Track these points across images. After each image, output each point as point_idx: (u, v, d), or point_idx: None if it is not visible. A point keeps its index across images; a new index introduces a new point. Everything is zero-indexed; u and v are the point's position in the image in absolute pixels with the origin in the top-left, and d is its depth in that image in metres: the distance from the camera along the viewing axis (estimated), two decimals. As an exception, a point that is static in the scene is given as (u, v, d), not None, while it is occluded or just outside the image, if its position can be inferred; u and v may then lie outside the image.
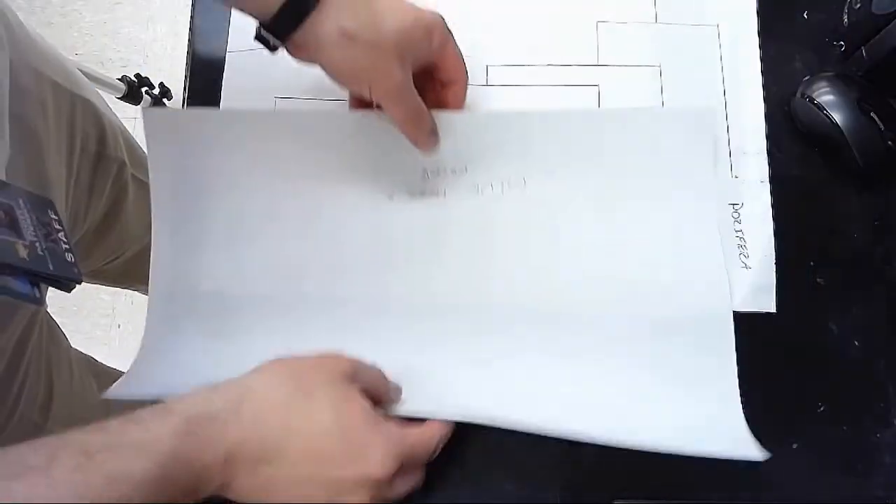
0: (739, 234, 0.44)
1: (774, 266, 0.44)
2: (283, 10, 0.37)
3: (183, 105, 0.48)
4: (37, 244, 0.32)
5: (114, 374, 0.68)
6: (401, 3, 0.39)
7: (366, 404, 0.36)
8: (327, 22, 0.37)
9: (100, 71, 1.28)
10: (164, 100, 1.33)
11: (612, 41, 0.48)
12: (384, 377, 0.39)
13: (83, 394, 0.59)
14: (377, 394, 0.38)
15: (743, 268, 0.43)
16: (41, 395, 0.52)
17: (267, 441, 0.33)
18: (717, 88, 0.47)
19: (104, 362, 0.69)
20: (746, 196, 0.45)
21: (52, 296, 0.49)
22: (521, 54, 0.48)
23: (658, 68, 0.48)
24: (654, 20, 0.49)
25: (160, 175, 0.44)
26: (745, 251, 0.44)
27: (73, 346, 0.61)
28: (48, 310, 0.54)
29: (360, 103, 0.43)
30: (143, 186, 0.66)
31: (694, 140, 0.44)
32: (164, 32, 1.44)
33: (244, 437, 0.32)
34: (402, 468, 0.35)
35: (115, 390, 0.40)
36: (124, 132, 0.63)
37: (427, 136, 0.42)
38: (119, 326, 1.31)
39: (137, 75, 1.28)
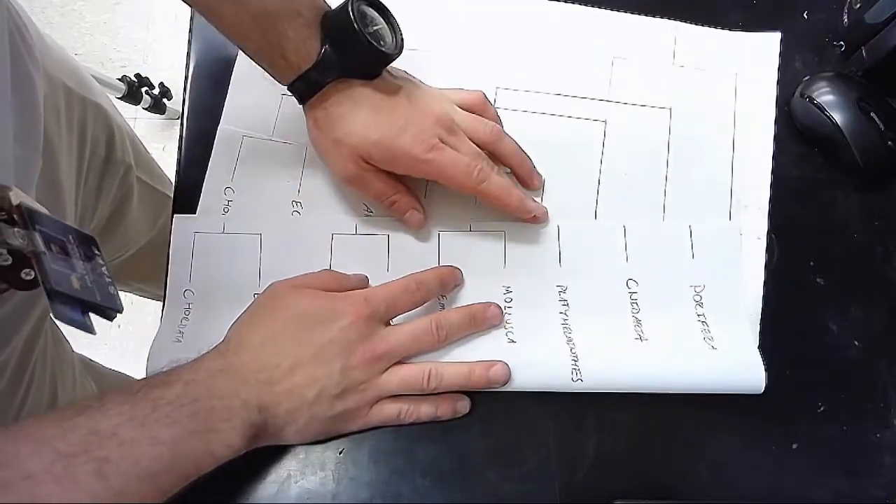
0: (702, 317, 0.43)
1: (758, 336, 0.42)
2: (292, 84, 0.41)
3: (183, 106, 0.48)
4: (86, 276, 0.34)
5: (111, 376, 0.68)
6: (382, 118, 0.40)
7: (314, 291, 0.39)
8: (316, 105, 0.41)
9: (100, 71, 1.28)
10: (165, 100, 1.33)
11: (626, 78, 0.47)
12: (336, 273, 0.42)
13: (84, 397, 0.59)
14: (336, 286, 0.41)
15: (711, 349, 0.42)
16: (46, 398, 0.52)
17: (258, 358, 0.37)
18: (727, 140, 0.46)
19: (104, 362, 0.69)
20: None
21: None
22: (533, 81, 0.47)
23: (669, 110, 0.47)
24: (671, 62, 0.48)
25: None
26: (710, 334, 0.42)
27: (73, 347, 0.61)
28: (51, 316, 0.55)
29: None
30: (148, 188, 0.66)
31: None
32: (164, 32, 1.44)
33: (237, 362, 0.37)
34: (377, 313, 0.39)
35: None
36: (131, 135, 0.63)
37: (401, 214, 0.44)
38: (119, 327, 1.31)
39: (137, 75, 1.28)
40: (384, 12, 0.41)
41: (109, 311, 0.34)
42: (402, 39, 0.41)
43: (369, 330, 0.39)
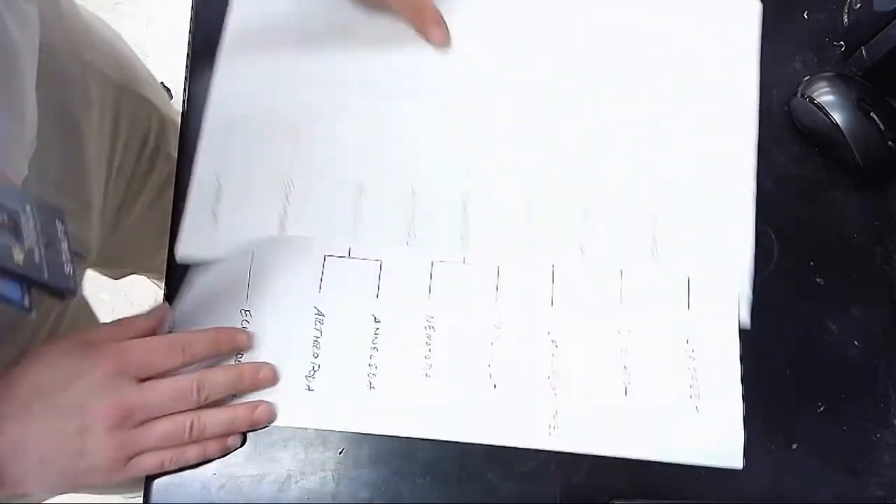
0: (692, 371, 0.42)
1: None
2: None
3: (183, 105, 0.48)
4: (35, 252, 0.32)
5: None
6: None
7: (65, 347, 0.37)
8: None
9: (100, 71, 1.27)
10: (165, 100, 1.33)
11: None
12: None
13: None
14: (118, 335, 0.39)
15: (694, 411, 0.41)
16: None
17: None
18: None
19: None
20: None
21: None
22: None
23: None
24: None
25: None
26: (698, 390, 0.41)
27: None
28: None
29: None
30: None
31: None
32: (165, 33, 1.44)
33: None
34: (127, 371, 0.37)
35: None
36: (176, 124, 0.63)
37: (433, 28, 0.46)
38: (119, 326, 1.31)
39: (137, 75, 1.28)
40: None
41: (61, 291, 0.32)
42: None
43: (117, 385, 0.36)
